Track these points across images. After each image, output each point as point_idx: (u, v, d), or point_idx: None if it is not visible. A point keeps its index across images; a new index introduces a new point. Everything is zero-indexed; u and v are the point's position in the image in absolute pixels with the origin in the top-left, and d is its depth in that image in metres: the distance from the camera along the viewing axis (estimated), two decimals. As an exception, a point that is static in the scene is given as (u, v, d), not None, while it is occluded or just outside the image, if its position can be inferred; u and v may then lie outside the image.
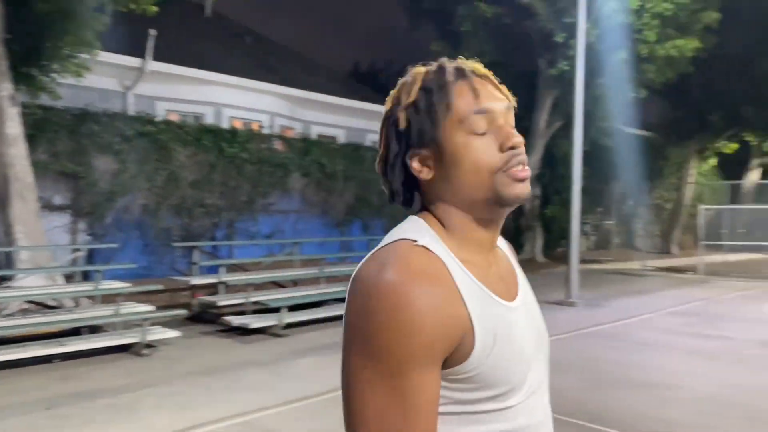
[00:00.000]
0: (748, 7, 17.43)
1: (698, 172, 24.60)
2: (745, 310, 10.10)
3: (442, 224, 0.98)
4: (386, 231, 1.06)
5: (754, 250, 17.02)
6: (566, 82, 13.66)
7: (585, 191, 18.25)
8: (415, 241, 0.93)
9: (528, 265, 16.27)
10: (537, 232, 17.21)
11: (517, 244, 17.72)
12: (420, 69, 1.03)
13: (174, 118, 11.86)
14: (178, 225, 10.20)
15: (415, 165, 0.98)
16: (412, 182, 1.01)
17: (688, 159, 23.08)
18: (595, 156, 18.34)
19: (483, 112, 0.97)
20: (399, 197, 1.02)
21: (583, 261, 18.51)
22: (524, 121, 18.34)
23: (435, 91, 0.97)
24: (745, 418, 4.76)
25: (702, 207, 15.96)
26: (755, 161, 24.66)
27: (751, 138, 22.16)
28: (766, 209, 15.84)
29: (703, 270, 15.06)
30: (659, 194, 24.20)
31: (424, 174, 0.98)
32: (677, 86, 18.41)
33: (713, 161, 24.39)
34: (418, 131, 0.97)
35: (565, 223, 11.12)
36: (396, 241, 0.94)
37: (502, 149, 0.96)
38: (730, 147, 22.40)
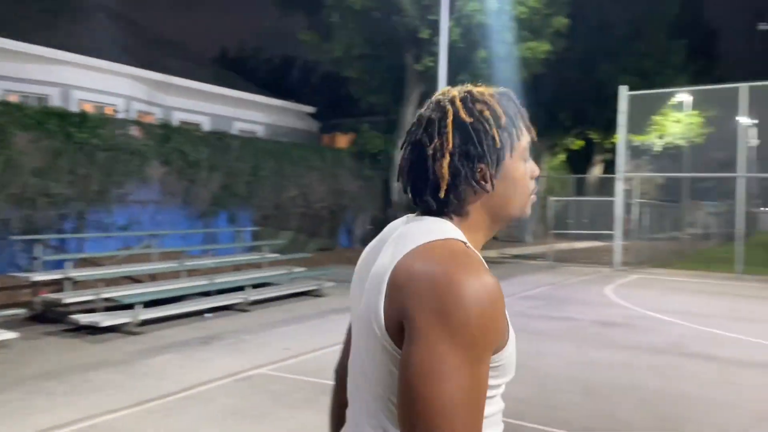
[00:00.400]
0: (592, 14, 19.05)
1: (549, 167, 26.61)
2: (586, 293, 11.08)
3: (464, 228, 1.08)
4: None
5: (596, 238, 18.72)
6: (431, 77, 14.12)
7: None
8: (465, 243, 1.03)
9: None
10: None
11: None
12: (486, 90, 1.13)
13: (14, 99, 10.75)
14: (18, 216, 9.27)
15: (481, 177, 1.07)
16: (453, 188, 1.07)
17: (541, 154, 24.86)
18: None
19: (532, 144, 1.15)
20: (439, 196, 1.07)
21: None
22: (392, 114, 18.73)
23: (514, 119, 1.11)
24: (583, 392, 5.20)
25: (552, 199, 17.22)
26: (598, 157, 27.07)
27: (594, 136, 24.29)
28: (607, 201, 17.44)
29: (552, 257, 16.30)
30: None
31: (487, 186, 1.08)
32: (531, 85, 19.76)
33: (562, 156, 26.48)
34: (497, 150, 1.08)
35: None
36: (446, 239, 1.01)
37: (532, 177, 1.14)
38: (577, 143, 24.43)
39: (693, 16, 27.02)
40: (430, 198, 1.08)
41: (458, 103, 1.09)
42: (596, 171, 26.88)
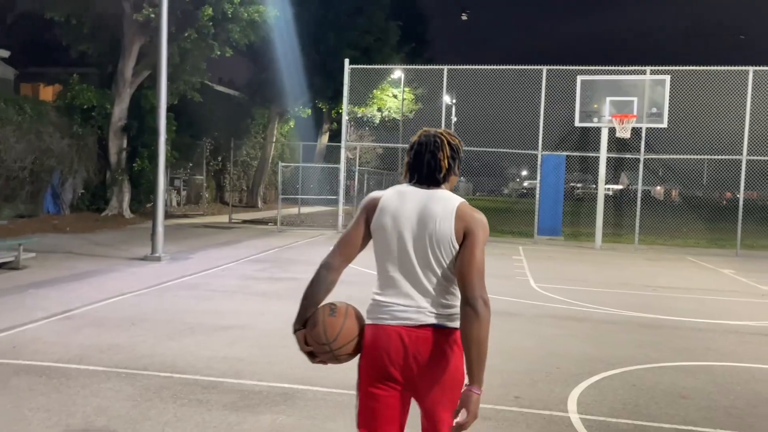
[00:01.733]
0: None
1: (280, 133, 27.02)
2: (311, 254, 11.62)
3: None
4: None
5: (323, 203, 19.68)
6: (153, 30, 13.13)
7: (175, 146, 18.11)
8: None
9: (114, 221, 15.37)
10: (124, 187, 16.35)
11: (102, 199, 16.52)
12: (451, 132, 2.32)
13: None
14: None
15: (456, 169, 2.29)
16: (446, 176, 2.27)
17: (272, 120, 25.08)
18: (185, 111, 18.29)
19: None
20: (440, 176, 2.24)
21: (173, 216, 18.49)
22: (108, 67, 16.97)
23: (461, 149, 2.32)
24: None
25: (281, 164, 17.54)
26: (326, 126, 28.31)
27: (322, 105, 25.28)
28: (333, 168, 18.39)
29: (281, 221, 16.68)
30: (247, 151, 25.74)
31: (458, 174, 2.30)
32: (262, 51, 19.67)
33: (292, 123, 27.07)
34: (461, 159, 2.31)
35: (153, 177, 10.81)
36: (462, 200, 2.18)
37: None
38: (306, 111, 25.17)
39: (407, 1, 29.62)
40: (438, 176, 2.23)
41: (446, 135, 2.27)
42: (324, 139, 28.11)
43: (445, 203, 2.15)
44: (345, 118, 16.54)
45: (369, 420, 2.18)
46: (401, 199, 2.19)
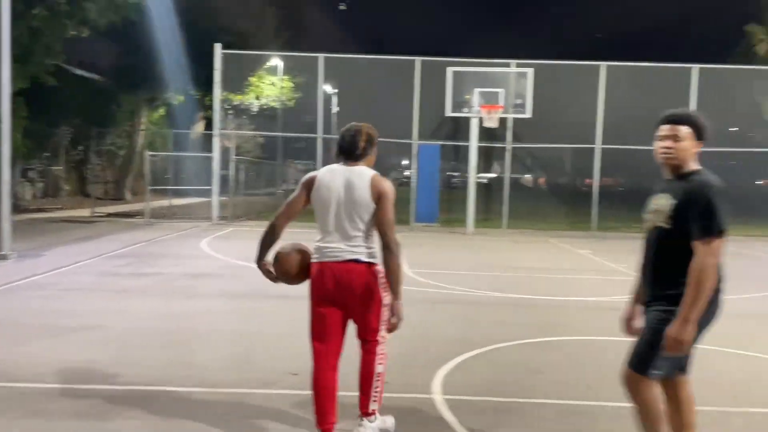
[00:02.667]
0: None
1: (150, 121, 25.55)
2: (181, 247, 11.09)
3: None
4: None
5: (196, 194, 18.85)
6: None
7: (29, 134, 16.55)
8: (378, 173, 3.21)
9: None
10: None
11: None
12: (371, 129, 3.30)
13: None
14: None
15: (372, 149, 3.25)
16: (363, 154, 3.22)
17: (140, 107, 23.64)
18: (39, 96, 16.73)
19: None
20: (358, 154, 3.19)
21: (26, 210, 16.92)
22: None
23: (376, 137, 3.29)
24: (164, 345, 5.15)
25: (148, 153, 16.59)
26: (201, 114, 27.14)
27: (195, 92, 24.16)
28: (207, 157, 17.63)
29: (150, 214, 15.79)
30: (112, 140, 24.08)
31: (375, 153, 3.28)
32: (128, 33, 18.41)
33: (162, 110, 25.69)
34: (376, 143, 3.28)
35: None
36: (375, 172, 3.17)
37: None
38: (178, 98, 23.97)
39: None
40: (357, 155, 3.17)
41: (365, 127, 3.24)
42: (199, 127, 26.94)
43: (362, 176, 3.12)
44: (217, 104, 15.93)
45: (317, 332, 3.20)
46: (332, 174, 3.16)
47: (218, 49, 15.52)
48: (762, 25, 23.11)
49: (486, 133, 16.06)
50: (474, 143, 15.27)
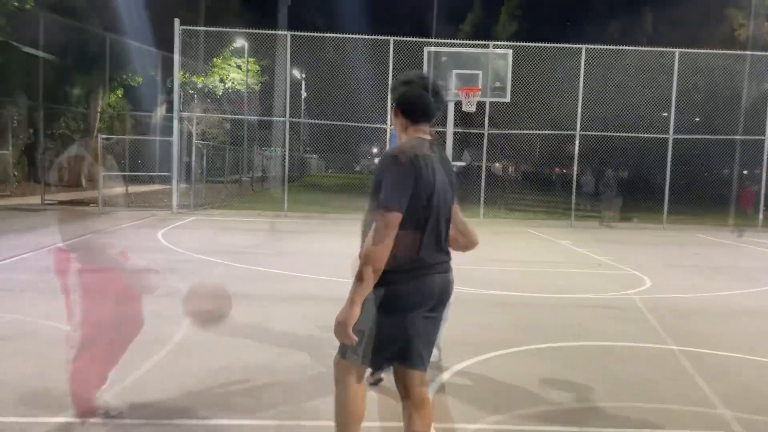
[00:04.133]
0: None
1: (107, 104, 24.23)
2: (136, 238, 10.17)
3: None
4: None
5: (157, 180, 17.81)
6: None
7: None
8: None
9: None
10: None
11: None
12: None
13: None
14: None
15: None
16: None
17: (95, 88, 22.34)
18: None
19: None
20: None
21: (-34, 197, 15.69)
22: None
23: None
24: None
25: (100, 137, 15.51)
26: (162, 96, 25.90)
27: (156, 73, 22.98)
28: (167, 141, 16.59)
29: (104, 202, 14.75)
30: (66, 123, 22.72)
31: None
32: (81, 10, 17.20)
33: (120, 92, 24.38)
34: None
35: None
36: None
37: None
38: (137, 79, 22.74)
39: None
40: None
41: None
42: (162, 111, 25.73)
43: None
44: (176, 85, 14.91)
45: None
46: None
47: (177, 24, 14.48)
48: (740, 10, 22.94)
49: (461, 119, 15.40)
50: (450, 128, 14.58)
